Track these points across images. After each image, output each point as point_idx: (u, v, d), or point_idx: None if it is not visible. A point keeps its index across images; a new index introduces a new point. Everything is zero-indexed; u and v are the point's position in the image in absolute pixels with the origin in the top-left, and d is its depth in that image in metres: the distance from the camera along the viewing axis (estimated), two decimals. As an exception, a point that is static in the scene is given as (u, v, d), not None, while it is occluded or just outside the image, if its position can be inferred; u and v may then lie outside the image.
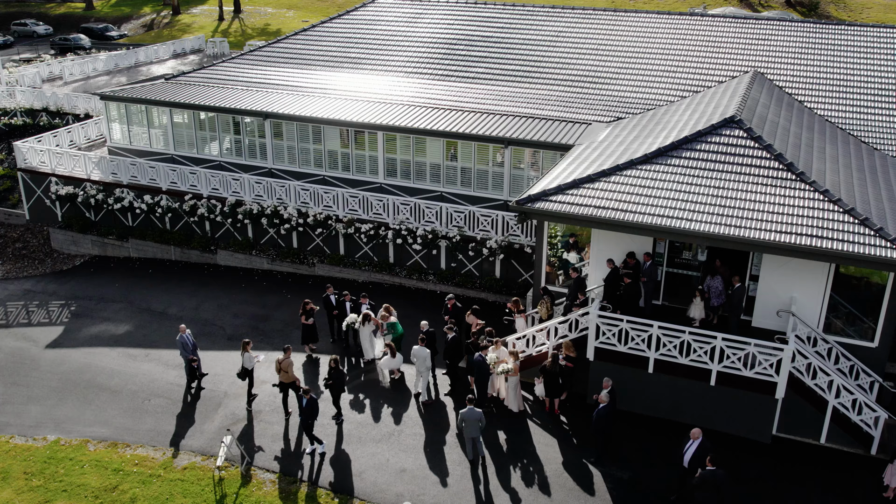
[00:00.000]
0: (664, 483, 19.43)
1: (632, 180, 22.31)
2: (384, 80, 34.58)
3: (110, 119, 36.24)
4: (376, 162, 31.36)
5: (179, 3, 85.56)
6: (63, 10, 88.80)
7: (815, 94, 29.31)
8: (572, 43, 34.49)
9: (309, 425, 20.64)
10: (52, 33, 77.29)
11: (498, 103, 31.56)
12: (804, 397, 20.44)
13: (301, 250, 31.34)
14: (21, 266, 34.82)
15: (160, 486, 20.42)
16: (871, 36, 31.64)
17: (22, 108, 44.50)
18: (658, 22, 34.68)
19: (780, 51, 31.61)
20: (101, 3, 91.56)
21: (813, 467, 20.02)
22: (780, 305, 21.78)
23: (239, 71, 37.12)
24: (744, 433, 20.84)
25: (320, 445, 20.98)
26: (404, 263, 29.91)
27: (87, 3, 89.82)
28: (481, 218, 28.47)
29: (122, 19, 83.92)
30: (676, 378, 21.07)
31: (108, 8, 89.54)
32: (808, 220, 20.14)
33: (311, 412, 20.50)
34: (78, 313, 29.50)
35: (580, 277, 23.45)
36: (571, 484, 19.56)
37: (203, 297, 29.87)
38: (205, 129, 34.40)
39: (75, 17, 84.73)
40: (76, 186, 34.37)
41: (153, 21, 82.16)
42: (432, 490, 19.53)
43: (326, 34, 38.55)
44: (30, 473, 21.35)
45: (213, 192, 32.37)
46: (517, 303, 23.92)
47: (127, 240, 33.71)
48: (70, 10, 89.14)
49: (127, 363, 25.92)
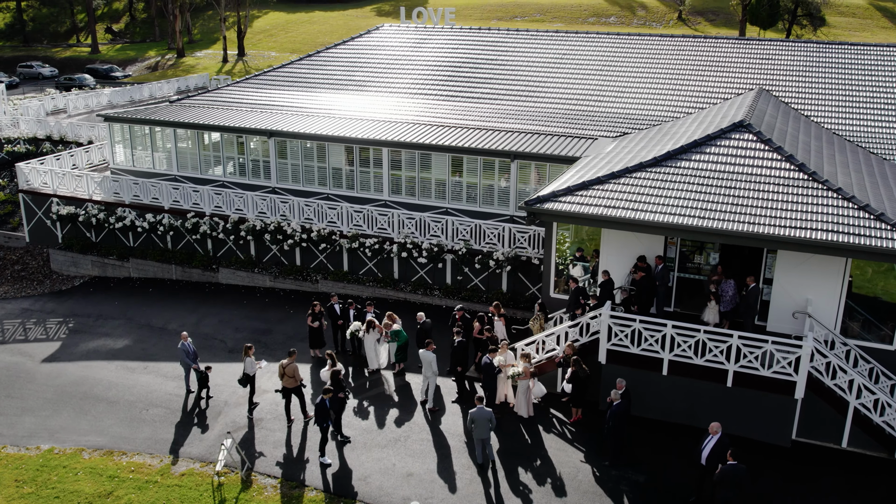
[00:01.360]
0: (682, 485, 18.67)
1: (642, 182, 22.03)
2: (389, 101, 34.60)
3: (114, 141, 36.15)
4: (381, 179, 31.14)
5: (184, 47, 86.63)
6: (69, 54, 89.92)
7: (820, 109, 29.25)
8: (576, 64, 34.65)
9: (325, 428, 19.79)
10: (57, 75, 78.06)
11: (503, 121, 31.51)
12: (824, 399, 19.79)
13: (304, 267, 30.89)
14: (19, 287, 34.31)
15: (156, 492, 19.61)
16: (873, 54, 31.77)
17: (25, 137, 44.51)
18: (661, 44, 34.88)
19: (783, 69, 31.69)
20: (106, 48, 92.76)
21: (835, 472, 19.26)
22: (794, 308, 21.28)
23: (243, 94, 37.19)
24: (762, 437, 20.11)
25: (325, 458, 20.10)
26: (409, 279, 29.45)
27: (92, 47, 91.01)
28: (487, 231, 28.11)
29: (128, 62, 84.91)
30: (692, 380, 20.44)
31: (113, 52, 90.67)
32: (823, 216, 19.80)
33: (326, 413, 19.66)
34: (76, 329, 28.92)
35: (580, 287, 22.96)
36: (586, 486, 18.78)
37: (204, 312, 29.31)
38: (208, 150, 34.30)
39: (81, 61, 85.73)
40: (78, 207, 34.07)
41: (157, 63, 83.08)
42: (440, 494, 18.74)
43: (331, 59, 38.76)
44: (21, 481, 20.55)
45: (216, 209, 32.07)
46: (498, 307, 24.04)
47: (127, 260, 33.27)
48: (76, 53, 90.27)
49: (125, 375, 25.26)
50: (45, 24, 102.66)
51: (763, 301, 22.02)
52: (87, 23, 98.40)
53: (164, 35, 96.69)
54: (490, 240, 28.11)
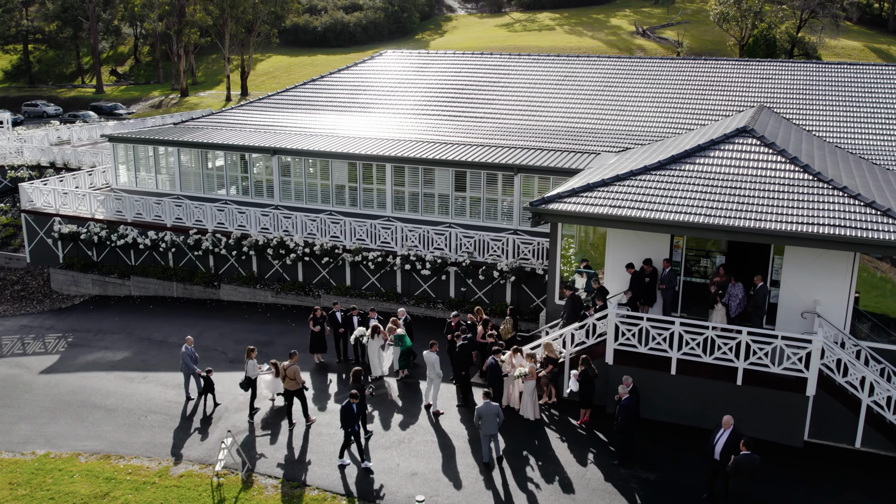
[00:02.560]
0: (694, 482, 18.21)
1: (647, 184, 22.01)
2: (392, 121, 34.79)
3: (117, 162, 36.25)
4: (384, 195, 31.15)
5: (188, 87, 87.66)
6: (73, 94, 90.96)
7: (821, 125, 29.37)
8: (578, 84, 34.95)
9: (351, 432, 18.95)
10: (61, 113, 78.82)
11: (506, 138, 31.63)
12: (836, 397, 19.44)
13: (307, 283, 30.69)
14: (18, 306, 34.07)
15: (154, 493, 19.12)
16: (872, 74, 32.08)
17: (29, 164, 44.68)
18: (662, 65, 35.23)
19: (784, 87, 31.95)
20: (111, 89, 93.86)
21: (848, 471, 18.81)
22: (802, 310, 21.02)
23: (247, 116, 37.44)
24: (774, 437, 19.67)
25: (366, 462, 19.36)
26: (412, 293, 29.22)
27: (97, 87, 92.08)
28: (491, 242, 27.99)
29: (132, 101, 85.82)
30: (701, 379, 20.11)
31: (117, 92, 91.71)
32: (830, 213, 19.72)
33: (353, 418, 18.83)
34: (75, 343, 28.59)
35: (575, 295, 22.75)
36: (595, 484, 18.32)
37: (204, 326, 29.02)
38: (211, 171, 34.37)
39: (85, 100, 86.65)
40: (80, 225, 34.00)
41: (161, 102, 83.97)
42: (445, 492, 18.27)
43: (334, 83, 39.12)
44: (15, 484, 20.05)
45: (218, 226, 32.00)
46: (479, 311, 24.11)
47: (128, 278, 33.08)
48: (80, 93, 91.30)
49: (124, 385, 24.88)
50: (51, 66, 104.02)
51: (770, 304, 21.81)
52: (92, 65, 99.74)
53: (168, 77, 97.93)
54: (493, 251, 27.99)
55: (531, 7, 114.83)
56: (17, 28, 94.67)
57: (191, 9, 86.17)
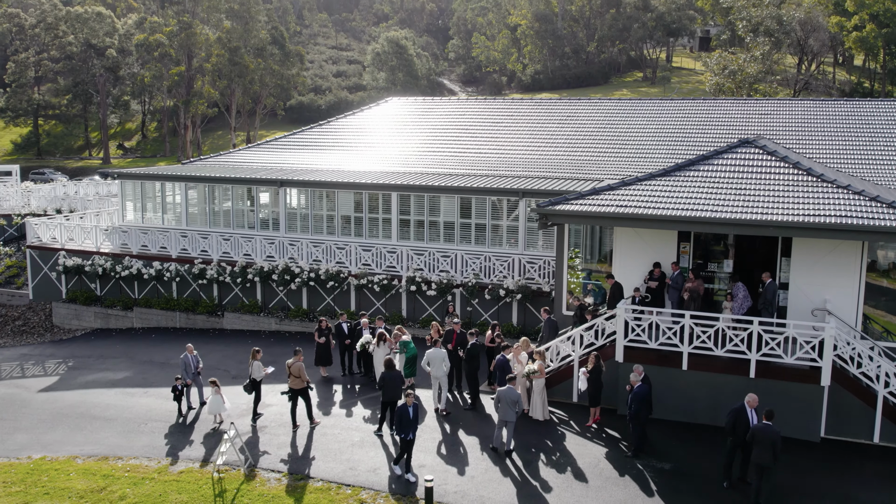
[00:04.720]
0: (710, 472, 17.69)
1: (652, 188, 22.23)
2: (398, 157, 35.25)
3: (125, 199, 36.56)
4: (390, 224, 31.28)
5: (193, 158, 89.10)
6: (80, 164, 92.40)
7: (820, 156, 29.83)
8: (581, 123, 35.65)
9: (408, 441, 17.72)
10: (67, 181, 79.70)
11: (510, 169, 32.02)
12: (851, 391, 19.09)
13: (311, 309, 30.50)
14: (19, 339, 33.73)
15: (153, 486, 18.54)
16: (869, 107, 32.81)
17: (36, 212, 45.01)
18: (662, 105, 36.03)
19: (783, 122, 32.60)
20: (117, 161, 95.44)
21: (868, 465, 18.30)
22: (812, 310, 20.88)
23: (253, 156, 38.00)
24: (790, 432, 19.15)
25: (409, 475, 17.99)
26: (418, 317, 29.02)
27: (104, 159, 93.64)
28: (497, 262, 27.99)
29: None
30: (713, 374, 19.80)
31: (124, 164, 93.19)
32: (836, 206, 19.85)
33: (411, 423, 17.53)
34: (75, 367, 28.19)
35: (583, 304, 22.68)
36: (608, 473, 17.80)
37: (208, 350, 28.58)
38: (218, 206, 34.61)
39: (92, 170, 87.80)
40: (84, 259, 34.03)
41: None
42: (454, 480, 17.74)
43: (340, 127, 39.89)
44: (9, 482, 19.44)
45: (223, 255, 32.05)
46: (451, 312, 25.05)
47: (131, 309, 32.89)
48: (87, 164, 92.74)
49: (124, 399, 24.42)
50: (60, 140, 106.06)
51: (780, 307, 21.67)
52: (100, 139, 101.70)
53: (174, 151, 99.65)
54: (500, 272, 27.95)
55: (530, 88, 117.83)
56: (29, 103, 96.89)
57: (199, 83, 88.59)
